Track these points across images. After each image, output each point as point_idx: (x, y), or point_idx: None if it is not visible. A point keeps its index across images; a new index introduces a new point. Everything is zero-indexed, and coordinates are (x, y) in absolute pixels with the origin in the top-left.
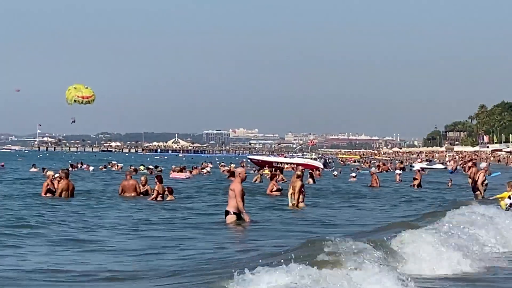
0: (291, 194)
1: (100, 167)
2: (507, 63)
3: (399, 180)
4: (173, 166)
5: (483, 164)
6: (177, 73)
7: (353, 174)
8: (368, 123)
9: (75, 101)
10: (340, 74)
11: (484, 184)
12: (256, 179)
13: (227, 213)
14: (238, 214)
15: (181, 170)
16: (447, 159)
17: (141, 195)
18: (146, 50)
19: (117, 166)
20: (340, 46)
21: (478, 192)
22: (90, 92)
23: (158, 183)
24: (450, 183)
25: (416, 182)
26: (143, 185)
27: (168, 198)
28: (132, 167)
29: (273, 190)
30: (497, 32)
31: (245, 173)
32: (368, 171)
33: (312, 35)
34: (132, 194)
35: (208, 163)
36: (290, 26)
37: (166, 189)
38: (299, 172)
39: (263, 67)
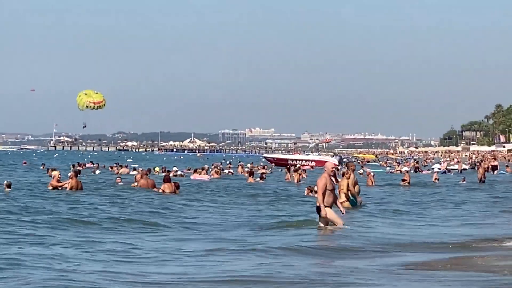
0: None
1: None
2: None
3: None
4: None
5: None
6: (194, 73)
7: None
8: (384, 122)
9: (87, 106)
10: (357, 74)
11: None
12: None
13: (318, 209)
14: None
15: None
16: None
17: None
18: (163, 50)
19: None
20: (357, 46)
21: None
22: (100, 97)
23: (165, 182)
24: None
25: (404, 183)
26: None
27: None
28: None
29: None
30: None
31: (332, 168)
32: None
33: (329, 35)
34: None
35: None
36: (307, 25)
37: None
38: (344, 170)
39: (280, 66)
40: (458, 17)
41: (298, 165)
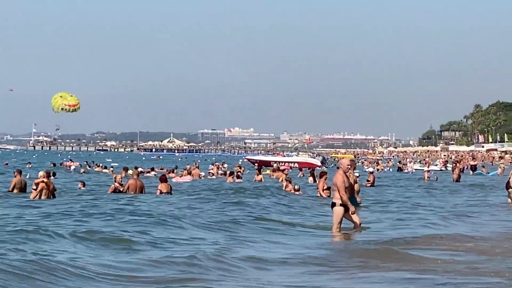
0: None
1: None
2: (502, 63)
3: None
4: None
5: None
6: (173, 72)
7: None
8: (363, 122)
9: (62, 109)
10: (336, 74)
11: None
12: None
13: (333, 204)
14: (345, 206)
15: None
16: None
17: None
18: (141, 50)
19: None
20: (336, 46)
21: (511, 190)
22: (75, 100)
23: (161, 182)
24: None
25: (368, 184)
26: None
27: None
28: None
29: (324, 188)
30: (492, 32)
31: (347, 164)
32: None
33: (309, 34)
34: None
35: (218, 164)
36: (285, 24)
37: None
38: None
39: (259, 66)
40: (438, 17)
41: (276, 165)
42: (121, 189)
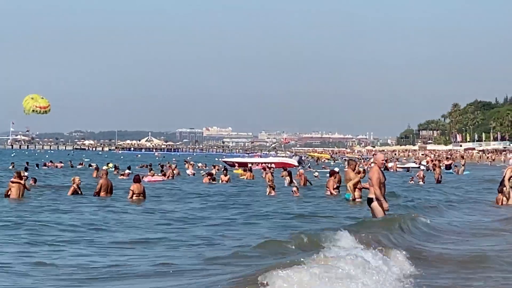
0: (350, 186)
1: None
2: (479, 62)
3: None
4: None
5: None
6: (151, 72)
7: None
8: (341, 121)
9: (33, 111)
10: (314, 72)
11: (511, 181)
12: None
13: (370, 200)
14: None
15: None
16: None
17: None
18: (119, 49)
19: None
20: (313, 44)
21: (504, 188)
22: (46, 103)
23: (134, 183)
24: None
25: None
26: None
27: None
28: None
29: (334, 187)
30: (470, 31)
31: (382, 160)
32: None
33: (286, 33)
34: (108, 195)
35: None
36: (263, 23)
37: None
38: (360, 168)
39: (236, 65)
40: (416, 16)
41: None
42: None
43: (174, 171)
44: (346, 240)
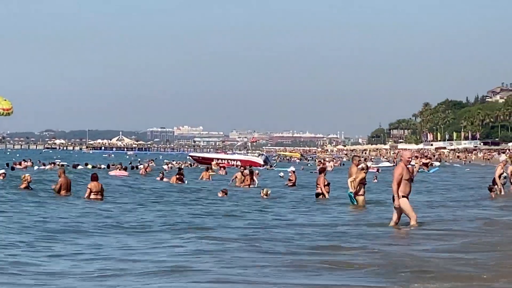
0: (351, 182)
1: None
2: (450, 61)
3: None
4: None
5: (503, 157)
6: (122, 70)
7: (281, 174)
8: (312, 120)
9: None
10: (284, 71)
11: (501, 178)
12: (203, 177)
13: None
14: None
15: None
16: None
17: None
18: (89, 48)
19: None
20: (283, 43)
21: (496, 186)
22: (9, 105)
23: (92, 181)
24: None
25: (290, 183)
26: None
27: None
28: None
29: (325, 184)
30: (442, 31)
31: (408, 157)
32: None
33: (256, 32)
34: (68, 193)
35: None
36: (233, 23)
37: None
38: (363, 165)
39: (207, 64)
40: (386, 15)
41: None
42: (52, 187)
43: (147, 170)
44: None
